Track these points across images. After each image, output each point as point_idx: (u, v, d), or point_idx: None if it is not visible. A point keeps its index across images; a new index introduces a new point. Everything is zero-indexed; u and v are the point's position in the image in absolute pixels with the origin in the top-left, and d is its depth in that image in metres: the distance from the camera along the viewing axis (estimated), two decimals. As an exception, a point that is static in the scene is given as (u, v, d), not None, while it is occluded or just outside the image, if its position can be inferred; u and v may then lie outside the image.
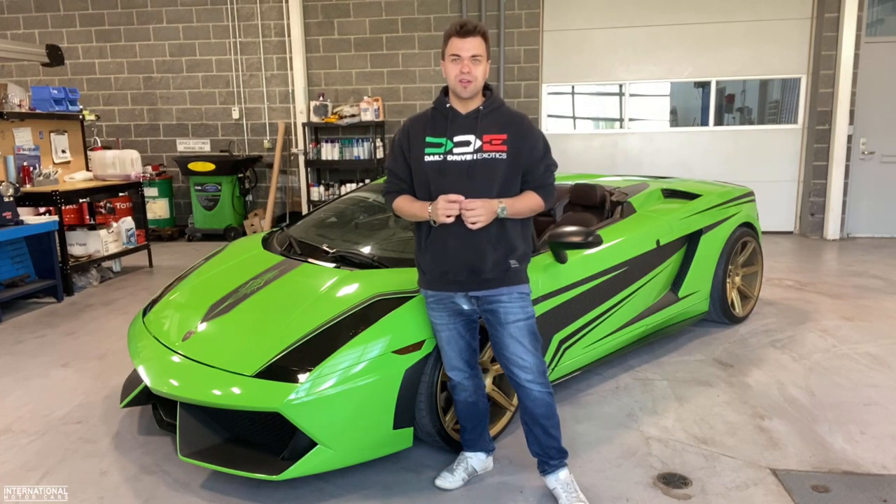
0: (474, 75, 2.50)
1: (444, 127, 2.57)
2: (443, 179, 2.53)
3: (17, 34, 9.37)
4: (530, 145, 2.58)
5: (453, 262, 2.57)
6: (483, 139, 2.53)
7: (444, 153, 2.53)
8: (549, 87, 8.94)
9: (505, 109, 2.64)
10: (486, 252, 2.54)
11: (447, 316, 2.69)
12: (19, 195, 5.86)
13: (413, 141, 2.61)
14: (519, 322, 2.61)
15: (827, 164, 8.29)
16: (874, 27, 8.25)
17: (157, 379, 2.96)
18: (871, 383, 3.89)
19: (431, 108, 2.66)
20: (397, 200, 2.67)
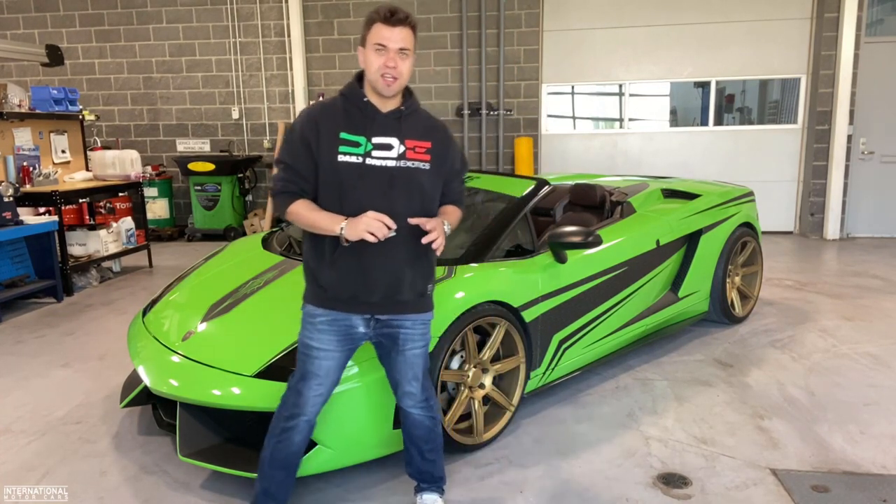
0: (400, 71, 2.20)
1: (362, 124, 2.25)
2: (360, 184, 2.22)
3: (16, 34, 9.37)
4: (452, 156, 2.39)
5: (369, 284, 2.27)
6: (406, 144, 2.27)
7: (363, 154, 2.23)
8: (548, 87, 8.94)
9: (425, 114, 2.39)
10: (405, 274, 2.30)
11: (336, 341, 2.34)
12: (19, 195, 5.86)
13: (324, 135, 2.24)
14: (416, 350, 2.42)
15: (827, 164, 8.29)
16: (874, 27, 8.26)
17: (157, 379, 2.96)
18: (871, 383, 3.89)
19: (340, 97, 2.31)
20: (296, 205, 2.26)
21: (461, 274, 3.17)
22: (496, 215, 3.70)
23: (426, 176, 2.30)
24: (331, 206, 2.25)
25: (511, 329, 3.22)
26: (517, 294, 3.26)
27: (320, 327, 2.34)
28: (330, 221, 2.20)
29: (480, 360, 3.15)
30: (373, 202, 2.22)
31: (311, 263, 2.35)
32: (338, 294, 2.30)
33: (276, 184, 2.31)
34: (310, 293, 2.37)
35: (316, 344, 2.34)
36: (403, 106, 2.31)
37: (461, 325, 2.97)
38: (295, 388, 2.40)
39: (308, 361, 2.37)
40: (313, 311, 2.35)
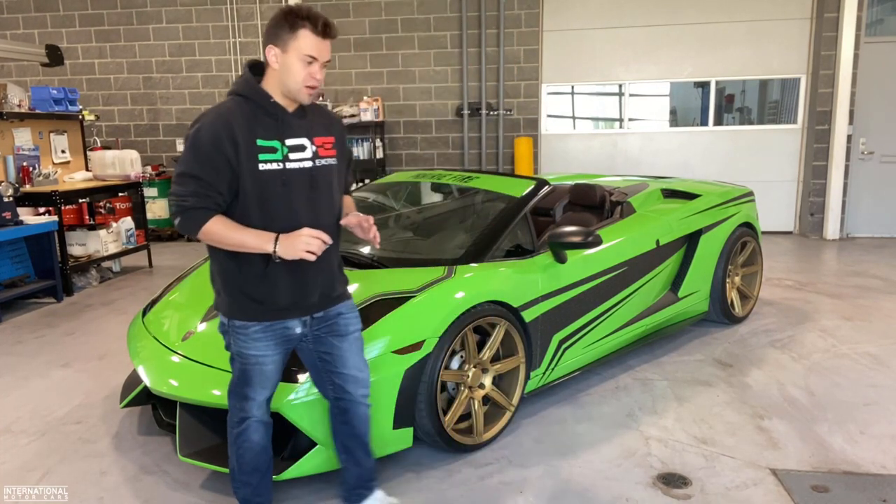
0: (321, 82, 2.18)
1: (273, 127, 2.15)
2: (283, 191, 2.14)
3: (16, 34, 9.37)
4: (348, 148, 2.40)
5: (307, 289, 2.26)
6: (315, 143, 2.22)
7: (282, 160, 2.14)
8: (548, 87, 8.94)
9: (320, 108, 2.36)
10: (335, 271, 2.36)
11: (274, 346, 2.30)
12: (19, 195, 5.86)
13: (241, 144, 2.09)
14: (356, 332, 2.44)
15: (826, 164, 8.29)
16: (874, 27, 8.26)
17: (157, 379, 2.96)
18: (871, 383, 3.89)
19: (241, 99, 2.17)
20: (213, 222, 2.10)
21: (461, 274, 3.17)
22: (496, 215, 3.70)
23: (335, 172, 2.30)
24: (248, 218, 2.14)
25: (511, 329, 3.22)
26: (517, 294, 3.26)
27: (255, 336, 2.26)
28: (259, 240, 2.11)
29: (480, 360, 3.15)
30: (298, 207, 2.18)
31: (234, 278, 2.22)
32: (275, 305, 2.24)
33: (184, 200, 2.08)
34: (237, 309, 2.24)
35: (253, 352, 2.28)
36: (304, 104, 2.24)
37: (461, 325, 2.98)
38: (238, 394, 2.36)
39: (247, 370, 2.31)
40: (242, 325, 2.26)
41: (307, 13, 2.09)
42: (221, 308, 2.31)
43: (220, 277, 2.27)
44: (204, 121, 2.12)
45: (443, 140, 9.07)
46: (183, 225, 2.11)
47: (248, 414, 2.37)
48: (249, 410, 2.37)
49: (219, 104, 2.18)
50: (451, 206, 4.47)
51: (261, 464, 2.46)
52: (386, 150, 9.07)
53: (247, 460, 2.42)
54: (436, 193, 4.67)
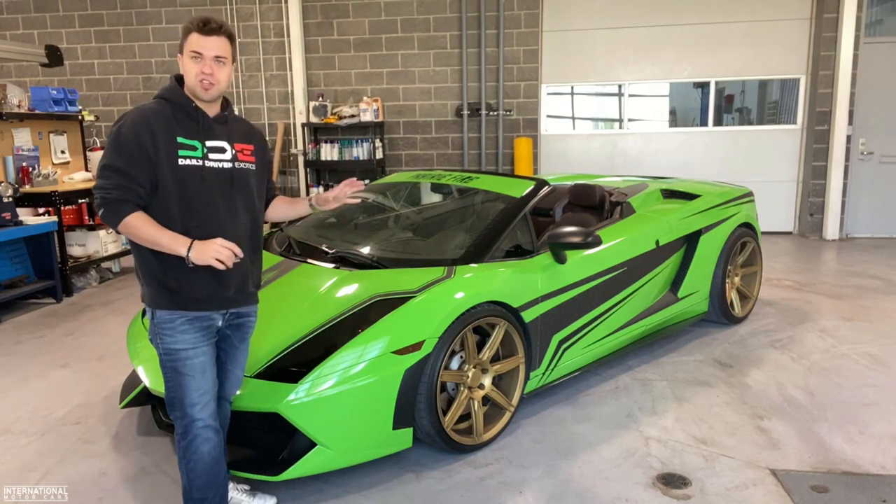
0: (217, 78, 2.25)
1: (194, 128, 2.28)
2: (202, 187, 2.25)
3: (16, 35, 9.36)
4: (268, 157, 2.54)
5: (222, 282, 2.31)
6: (235, 147, 2.36)
7: (202, 158, 2.27)
8: (548, 87, 8.94)
9: (243, 119, 2.54)
10: (249, 268, 2.41)
11: (201, 337, 2.32)
12: (18, 196, 5.86)
13: (161, 140, 2.21)
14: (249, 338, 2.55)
15: (826, 165, 8.29)
16: (873, 28, 8.26)
17: (157, 379, 2.95)
18: (871, 383, 3.89)
19: (164, 102, 2.29)
20: (134, 217, 2.18)
21: (461, 274, 3.17)
22: (496, 216, 3.70)
23: (254, 176, 2.43)
24: (166, 212, 2.23)
25: (511, 329, 3.22)
26: (517, 294, 3.26)
27: (181, 328, 2.29)
28: (173, 242, 2.19)
29: (480, 360, 3.15)
30: (215, 203, 2.28)
31: (153, 269, 2.27)
32: (195, 294, 2.28)
33: (108, 192, 2.17)
34: (160, 298, 2.28)
35: (182, 346, 2.29)
36: (226, 111, 2.38)
37: (461, 325, 2.98)
38: (176, 401, 2.33)
39: (179, 366, 2.30)
40: (169, 316, 2.28)
41: (193, 18, 2.28)
42: (146, 300, 2.35)
43: (141, 269, 2.33)
44: (126, 118, 2.24)
45: (442, 140, 9.07)
46: (105, 216, 2.20)
47: (192, 420, 2.32)
48: (192, 416, 2.32)
49: (142, 105, 2.29)
50: (450, 206, 4.47)
51: (215, 477, 2.38)
52: (385, 151, 9.07)
53: (198, 474, 2.35)
54: (435, 194, 4.67)
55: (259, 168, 2.45)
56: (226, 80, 2.29)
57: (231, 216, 2.33)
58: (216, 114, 2.35)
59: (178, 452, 2.38)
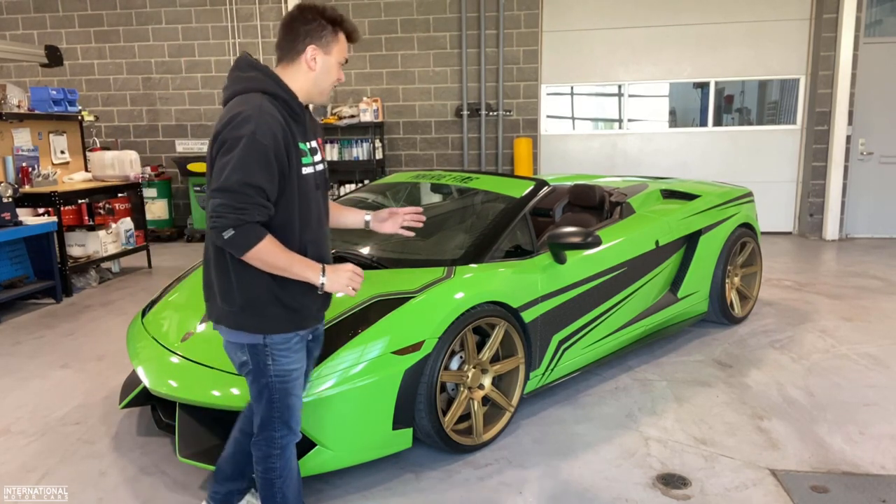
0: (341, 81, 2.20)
1: (302, 130, 2.09)
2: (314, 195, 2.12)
3: (15, 35, 9.36)
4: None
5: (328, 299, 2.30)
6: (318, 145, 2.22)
7: (313, 163, 2.13)
8: (548, 87, 8.94)
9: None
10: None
11: (304, 357, 2.27)
12: (18, 196, 5.85)
13: (290, 146, 2.01)
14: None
15: (826, 165, 8.30)
16: (873, 28, 8.26)
17: (156, 380, 2.96)
18: (870, 384, 3.89)
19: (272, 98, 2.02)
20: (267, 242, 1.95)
21: (460, 274, 3.17)
22: (495, 216, 3.70)
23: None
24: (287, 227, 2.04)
25: (510, 329, 3.22)
26: (516, 294, 3.26)
27: (295, 348, 2.17)
28: (305, 269, 2.03)
29: (480, 360, 3.15)
30: (321, 211, 2.17)
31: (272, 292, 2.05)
32: (310, 312, 2.19)
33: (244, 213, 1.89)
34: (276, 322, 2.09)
35: (295, 366, 2.18)
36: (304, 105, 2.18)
37: (461, 325, 2.98)
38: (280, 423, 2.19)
39: (291, 387, 2.17)
40: (286, 337, 2.12)
41: (340, 16, 2.09)
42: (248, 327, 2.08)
43: (245, 294, 2.05)
44: (253, 121, 1.91)
45: (442, 141, 9.07)
46: (235, 241, 1.90)
47: (293, 438, 2.25)
48: (294, 433, 2.25)
49: (257, 103, 1.96)
50: (450, 206, 4.47)
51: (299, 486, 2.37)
52: (385, 151, 9.07)
53: (292, 488, 2.28)
54: (435, 194, 4.67)
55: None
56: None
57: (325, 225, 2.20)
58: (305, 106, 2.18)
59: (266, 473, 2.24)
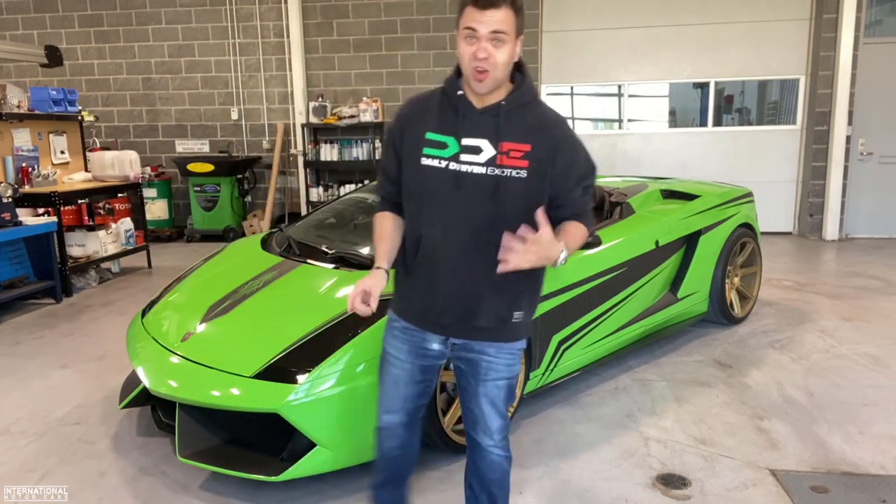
0: (494, 61, 1.79)
1: (453, 122, 1.91)
2: (439, 193, 1.92)
3: (15, 35, 9.36)
4: (565, 161, 1.91)
5: (441, 303, 1.99)
6: (500, 148, 1.87)
7: (448, 158, 1.90)
8: (547, 87, 8.94)
9: (535, 108, 1.94)
10: (484, 298, 1.96)
11: (407, 352, 2.09)
12: (18, 196, 5.85)
13: (408, 133, 1.96)
14: (499, 381, 2.06)
15: (826, 165, 8.30)
16: (872, 28, 8.26)
17: (156, 380, 2.96)
18: (870, 384, 3.89)
19: (440, 90, 1.98)
20: (378, 217, 2.09)
21: (460, 275, 3.17)
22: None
23: (522, 185, 1.88)
24: (410, 213, 2.01)
25: (510, 330, 3.21)
26: (516, 295, 3.25)
27: (395, 333, 2.12)
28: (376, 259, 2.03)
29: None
30: (447, 213, 1.92)
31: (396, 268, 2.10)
32: (410, 306, 2.07)
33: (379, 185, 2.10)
34: (393, 297, 2.15)
35: (389, 349, 2.14)
36: (505, 100, 1.90)
37: (460, 325, 2.97)
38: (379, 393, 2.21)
39: (380, 367, 2.19)
40: (392, 316, 2.14)
41: None
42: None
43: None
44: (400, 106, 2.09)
45: (442, 141, 9.06)
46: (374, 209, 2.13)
47: (380, 420, 2.18)
48: (382, 419, 2.18)
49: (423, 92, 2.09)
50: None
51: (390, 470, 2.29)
52: (385, 151, 9.05)
53: (377, 460, 2.28)
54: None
55: (534, 175, 1.88)
56: (506, 63, 1.82)
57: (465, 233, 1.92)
58: (489, 105, 1.90)
59: None
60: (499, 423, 2.10)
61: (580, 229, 1.95)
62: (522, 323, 2.05)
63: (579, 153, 1.96)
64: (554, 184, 1.92)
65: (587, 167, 1.98)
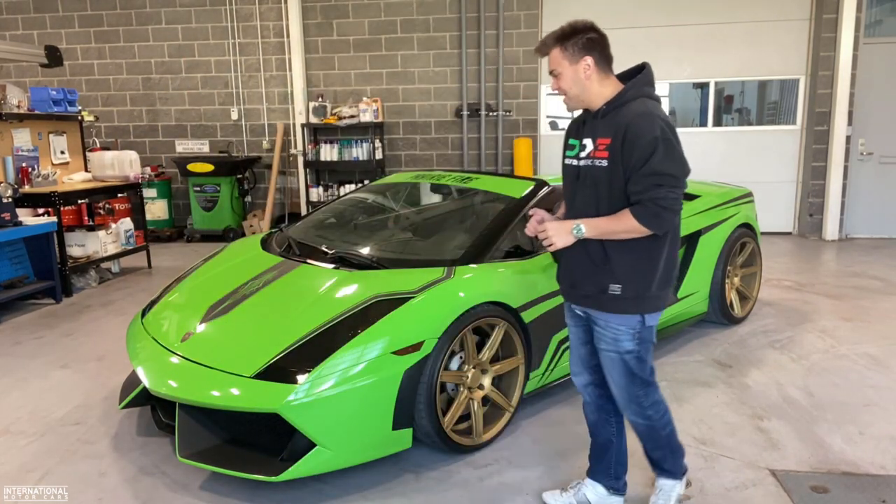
0: (561, 88, 2.36)
1: (580, 128, 2.44)
2: (569, 185, 2.46)
3: (15, 35, 9.36)
4: (630, 151, 2.21)
5: (562, 272, 2.54)
6: (596, 143, 2.32)
7: (574, 157, 2.43)
8: (547, 87, 8.93)
9: (627, 109, 2.29)
10: (586, 267, 2.38)
11: (570, 316, 2.60)
12: (18, 196, 5.85)
13: (564, 142, 2.54)
14: (609, 352, 2.41)
15: (825, 165, 8.30)
16: (872, 28, 8.27)
17: (156, 380, 2.96)
18: (870, 384, 3.90)
19: None
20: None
21: (460, 275, 3.17)
22: (495, 216, 3.70)
23: (604, 174, 2.29)
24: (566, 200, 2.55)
25: (510, 330, 3.22)
26: (516, 295, 3.26)
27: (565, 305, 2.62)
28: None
29: (480, 360, 3.15)
30: (574, 202, 2.43)
31: None
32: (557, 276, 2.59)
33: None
34: None
35: (566, 320, 2.64)
36: (606, 104, 2.33)
37: (460, 325, 2.98)
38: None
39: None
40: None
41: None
42: None
43: None
44: None
45: (442, 141, 9.07)
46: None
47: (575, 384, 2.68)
48: (574, 381, 2.68)
49: None
50: (450, 206, 4.48)
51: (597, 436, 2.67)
52: (385, 151, 9.07)
53: (589, 431, 2.70)
54: (435, 194, 4.67)
55: (613, 164, 2.26)
56: (570, 86, 2.34)
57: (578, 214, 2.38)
58: (598, 108, 2.35)
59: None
60: (617, 392, 2.47)
61: (624, 215, 2.25)
62: (622, 297, 2.32)
63: (647, 144, 2.19)
64: (625, 170, 2.25)
65: (648, 156, 2.19)
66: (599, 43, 2.37)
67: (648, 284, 2.32)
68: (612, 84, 2.36)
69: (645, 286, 2.32)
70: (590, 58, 2.33)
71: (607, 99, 2.33)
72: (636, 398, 2.43)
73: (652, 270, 2.32)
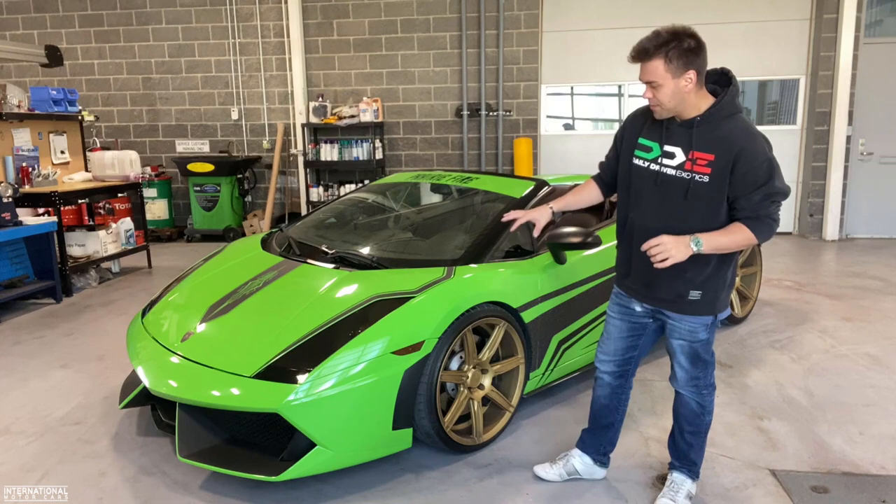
0: (658, 100, 2.30)
1: (659, 131, 2.40)
2: (643, 188, 2.44)
3: (15, 35, 9.37)
4: (745, 169, 2.24)
5: (633, 271, 2.55)
6: (690, 155, 2.31)
7: (651, 160, 2.42)
8: (548, 87, 8.95)
9: (728, 123, 2.29)
10: (664, 273, 2.40)
11: (617, 311, 2.69)
12: (18, 196, 5.85)
13: (627, 136, 2.54)
14: (681, 342, 2.54)
15: (826, 165, 8.30)
16: (873, 28, 8.27)
17: (156, 380, 2.96)
18: (870, 384, 3.90)
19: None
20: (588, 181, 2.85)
21: (460, 275, 3.17)
22: (495, 216, 3.70)
23: (705, 189, 2.31)
24: (622, 198, 2.58)
25: (510, 330, 3.22)
26: (516, 295, 3.26)
27: (612, 297, 2.72)
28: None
29: (480, 360, 3.15)
30: (649, 206, 2.44)
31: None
32: (618, 272, 2.66)
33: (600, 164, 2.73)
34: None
35: (608, 310, 2.73)
36: (700, 115, 2.31)
37: (460, 325, 2.98)
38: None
39: (605, 323, 2.77)
40: (614, 286, 2.72)
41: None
42: None
43: None
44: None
45: (442, 141, 9.07)
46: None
47: (597, 368, 2.79)
48: (597, 365, 2.79)
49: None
50: (450, 206, 4.47)
51: (596, 417, 2.85)
52: (385, 151, 9.07)
53: (593, 410, 2.86)
54: (435, 194, 4.67)
55: (717, 180, 2.28)
56: (670, 98, 2.28)
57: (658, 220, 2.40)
58: (688, 118, 2.33)
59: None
60: (681, 375, 2.60)
61: (739, 230, 2.31)
62: (702, 301, 2.45)
63: (760, 166, 2.25)
64: (733, 189, 2.28)
65: (765, 178, 2.26)
66: (701, 53, 2.27)
67: (722, 289, 2.48)
68: (705, 95, 2.33)
69: (720, 291, 2.47)
70: (693, 71, 2.25)
71: (701, 111, 2.31)
72: (696, 378, 2.58)
73: (725, 277, 2.47)
